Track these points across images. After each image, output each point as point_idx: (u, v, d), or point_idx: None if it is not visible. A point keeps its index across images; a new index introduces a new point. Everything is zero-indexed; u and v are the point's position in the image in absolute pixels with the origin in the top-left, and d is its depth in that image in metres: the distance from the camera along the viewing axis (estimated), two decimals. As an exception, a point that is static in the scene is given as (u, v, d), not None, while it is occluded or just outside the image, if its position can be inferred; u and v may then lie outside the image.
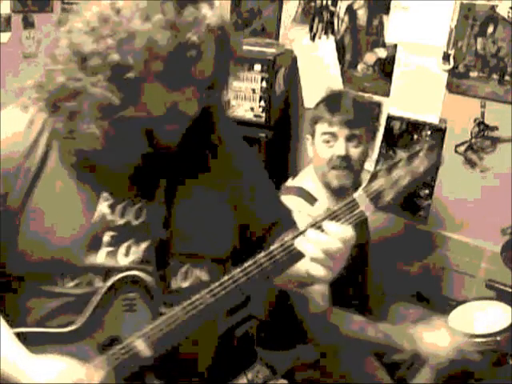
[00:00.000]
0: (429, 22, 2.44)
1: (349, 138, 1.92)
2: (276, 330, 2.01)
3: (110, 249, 1.14)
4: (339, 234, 1.08)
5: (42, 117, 1.14)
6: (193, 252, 1.21)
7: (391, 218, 2.65)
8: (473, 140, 2.42)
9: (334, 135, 1.92)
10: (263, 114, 2.67)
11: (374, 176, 1.11)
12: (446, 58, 2.42)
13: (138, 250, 1.16)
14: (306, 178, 2.03)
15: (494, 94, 2.34)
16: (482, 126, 2.39)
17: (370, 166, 2.64)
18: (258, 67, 2.61)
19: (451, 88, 2.44)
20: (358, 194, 1.11)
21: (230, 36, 1.13)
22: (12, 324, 1.13)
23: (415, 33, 2.49)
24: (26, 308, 1.16)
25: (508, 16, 2.25)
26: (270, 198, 1.38)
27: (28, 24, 3.18)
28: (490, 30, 2.31)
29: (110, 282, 1.12)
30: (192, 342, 1.19)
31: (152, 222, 1.17)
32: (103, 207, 1.14)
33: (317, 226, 1.09)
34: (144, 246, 1.16)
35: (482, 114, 2.37)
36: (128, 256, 1.15)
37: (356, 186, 2.13)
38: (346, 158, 1.91)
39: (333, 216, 1.10)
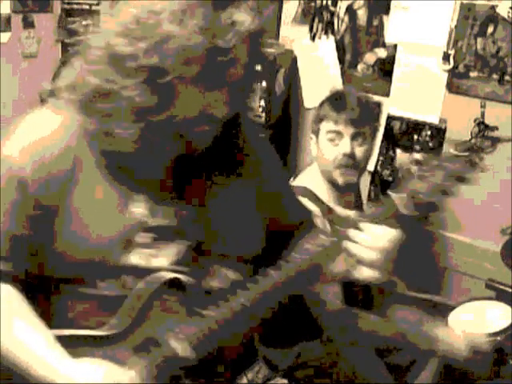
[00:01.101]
0: (429, 22, 2.44)
1: (354, 137, 1.93)
2: (279, 327, 2.01)
3: (144, 250, 1.14)
4: (387, 236, 1.12)
5: (75, 118, 1.13)
6: (223, 252, 1.21)
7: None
8: (473, 140, 2.42)
9: (339, 133, 1.93)
10: (263, 114, 2.67)
11: (412, 176, 1.15)
12: (446, 58, 2.42)
13: (170, 251, 1.16)
14: (309, 177, 2.03)
15: (494, 94, 2.34)
16: (481, 126, 2.39)
17: (369, 166, 2.65)
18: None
19: (451, 88, 2.44)
20: (398, 196, 1.13)
21: (262, 39, 1.13)
22: (48, 326, 1.12)
23: (415, 33, 2.49)
24: (62, 310, 1.16)
25: (508, 16, 2.26)
26: (293, 198, 1.42)
27: (28, 24, 3.18)
28: (490, 30, 2.31)
29: (148, 285, 1.12)
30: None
31: (185, 223, 1.17)
32: (137, 208, 1.14)
33: (360, 228, 1.12)
34: (176, 247, 1.17)
35: (482, 114, 2.37)
36: (161, 257, 1.15)
37: (358, 184, 2.15)
38: (351, 156, 1.93)
39: (375, 219, 1.13)
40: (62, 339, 1.11)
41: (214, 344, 1.14)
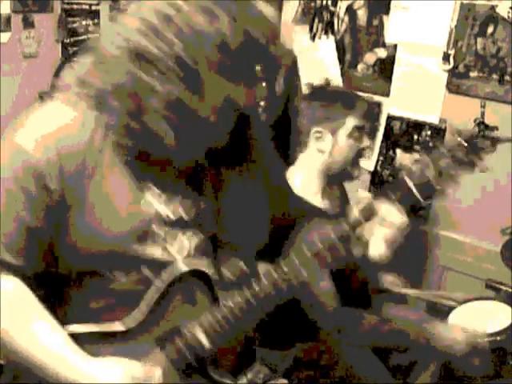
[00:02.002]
0: (429, 22, 2.44)
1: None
2: (276, 329, 2.01)
3: (163, 243, 1.15)
4: (394, 222, 1.14)
5: (90, 113, 1.12)
6: (234, 243, 1.23)
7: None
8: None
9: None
10: (263, 114, 2.67)
11: (417, 162, 1.17)
12: (446, 58, 2.42)
13: (189, 244, 1.18)
14: (294, 180, 2.05)
15: (494, 94, 2.34)
16: (481, 126, 2.38)
17: (370, 165, 2.65)
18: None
19: (451, 88, 2.44)
20: (406, 179, 1.15)
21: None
22: (64, 324, 1.12)
23: (415, 33, 2.49)
24: (78, 306, 1.16)
25: (508, 16, 2.26)
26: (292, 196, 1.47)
27: (28, 24, 3.18)
28: (490, 30, 2.31)
29: (170, 277, 1.13)
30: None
31: (203, 215, 1.19)
32: (155, 202, 1.14)
33: (370, 214, 1.14)
34: (196, 239, 1.18)
35: (482, 114, 2.37)
36: (180, 250, 1.16)
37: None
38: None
39: (384, 198, 1.15)
40: (79, 336, 1.11)
41: (228, 335, 1.15)
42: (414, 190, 1.16)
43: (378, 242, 1.15)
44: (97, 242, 1.11)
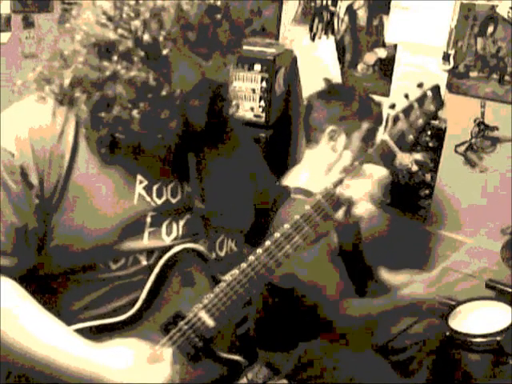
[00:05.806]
0: (429, 22, 2.44)
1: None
2: (277, 331, 2.01)
3: (152, 229, 1.13)
4: (376, 175, 1.18)
5: (63, 109, 1.11)
6: (223, 224, 1.24)
7: (379, 215, 2.66)
8: (473, 140, 2.42)
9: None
10: (263, 114, 2.66)
11: (395, 119, 1.24)
12: (446, 58, 2.42)
13: (178, 227, 1.17)
14: (300, 176, 2.05)
15: (494, 94, 2.34)
16: (481, 126, 2.39)
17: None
18: (257, 67, 2.61)
19: (451, 88, 2.44)
20: (385, 138, 1.21)
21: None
22: (65, 322, 1.11)
23: (415, 33, 2.49)
24: (75, 301, 1.14)
25: (508, 16, 2.26)
26: (270, 180, 1.49)
27: (28, 24, 3.18)
28: (490, 29, 2.31)
29: (162, 261, 1.12)
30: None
31: (190, 197, 1.18)
32: (140, 189, 1.13)
33: (354, 172, 1.18)
34: (183, 222, 1.17)
35: (482, 114, 2.37)
36: (170, 234, 1.15)
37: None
38: None
39: (367, 160, 1.20)
40: (81, 331, 1.10)
41: (231, 310, 1.15)
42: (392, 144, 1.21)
43: (360, 197, 1.17)
44: (83, 237, 1.09)
